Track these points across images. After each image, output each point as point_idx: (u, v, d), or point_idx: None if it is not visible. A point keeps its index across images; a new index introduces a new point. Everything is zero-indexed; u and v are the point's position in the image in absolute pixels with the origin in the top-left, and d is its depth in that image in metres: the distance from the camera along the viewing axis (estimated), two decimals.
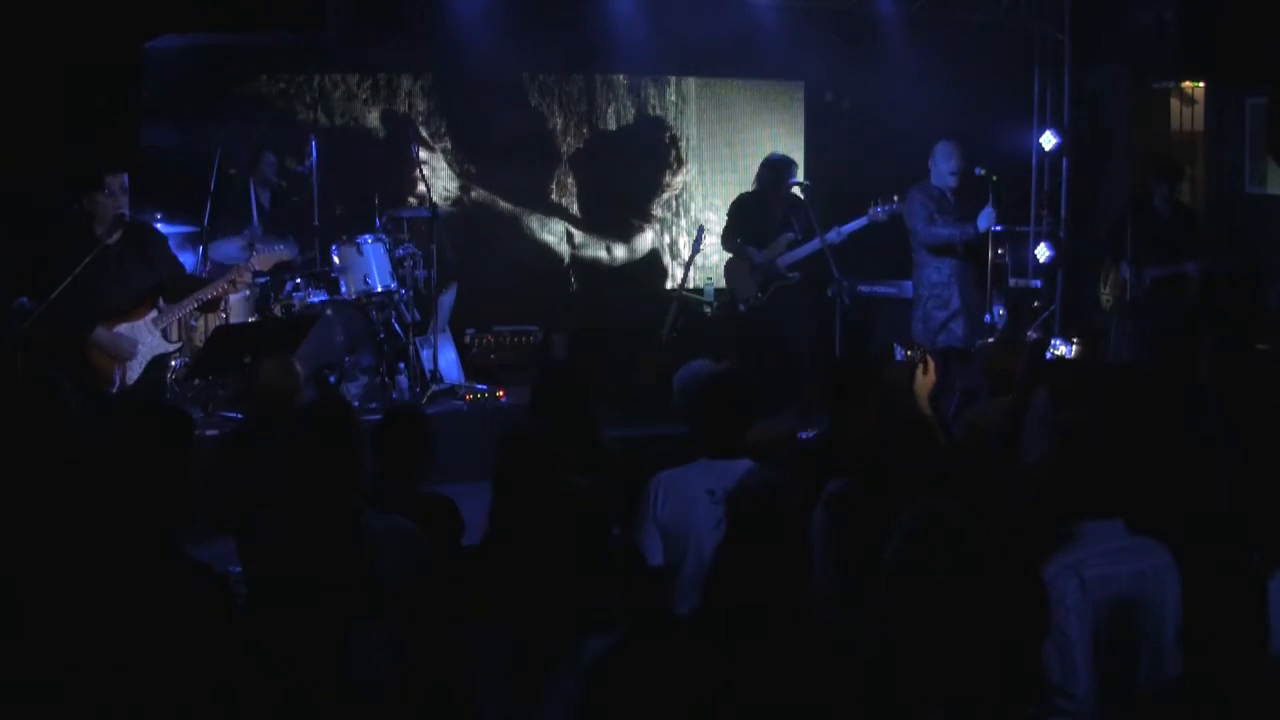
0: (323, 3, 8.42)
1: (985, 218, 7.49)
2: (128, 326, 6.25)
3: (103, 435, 3.42)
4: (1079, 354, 8.81)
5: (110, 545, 3.02)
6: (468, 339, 9.03)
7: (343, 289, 7.96)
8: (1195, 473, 4.03)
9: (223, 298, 6.75)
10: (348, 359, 7.92)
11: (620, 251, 10.41)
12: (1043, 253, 9.61)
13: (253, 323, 7.49)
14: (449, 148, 9.90)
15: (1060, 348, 8.94)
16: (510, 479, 3.56)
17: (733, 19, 9.04)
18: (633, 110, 10.32)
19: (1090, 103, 9.91)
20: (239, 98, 9.22)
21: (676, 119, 10.41)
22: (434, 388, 8.00)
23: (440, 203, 8.88)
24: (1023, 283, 9.74)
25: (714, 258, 9.81)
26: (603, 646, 2.83)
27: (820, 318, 8.16)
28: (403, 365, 8.12)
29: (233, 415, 7.17)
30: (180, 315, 6.49)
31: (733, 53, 9.57)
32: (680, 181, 10.48)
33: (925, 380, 4.62)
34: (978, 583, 2.48)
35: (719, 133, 10.45)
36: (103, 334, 6.15)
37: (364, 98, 9.68)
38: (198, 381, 7.28)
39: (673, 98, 10.39)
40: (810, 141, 10.30)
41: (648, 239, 10.46)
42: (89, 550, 3.01)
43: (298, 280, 7.83)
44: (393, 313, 8.13)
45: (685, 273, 9.34)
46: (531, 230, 10.19)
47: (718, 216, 9.79)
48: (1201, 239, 8.19)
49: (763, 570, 2.78)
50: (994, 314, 9.07)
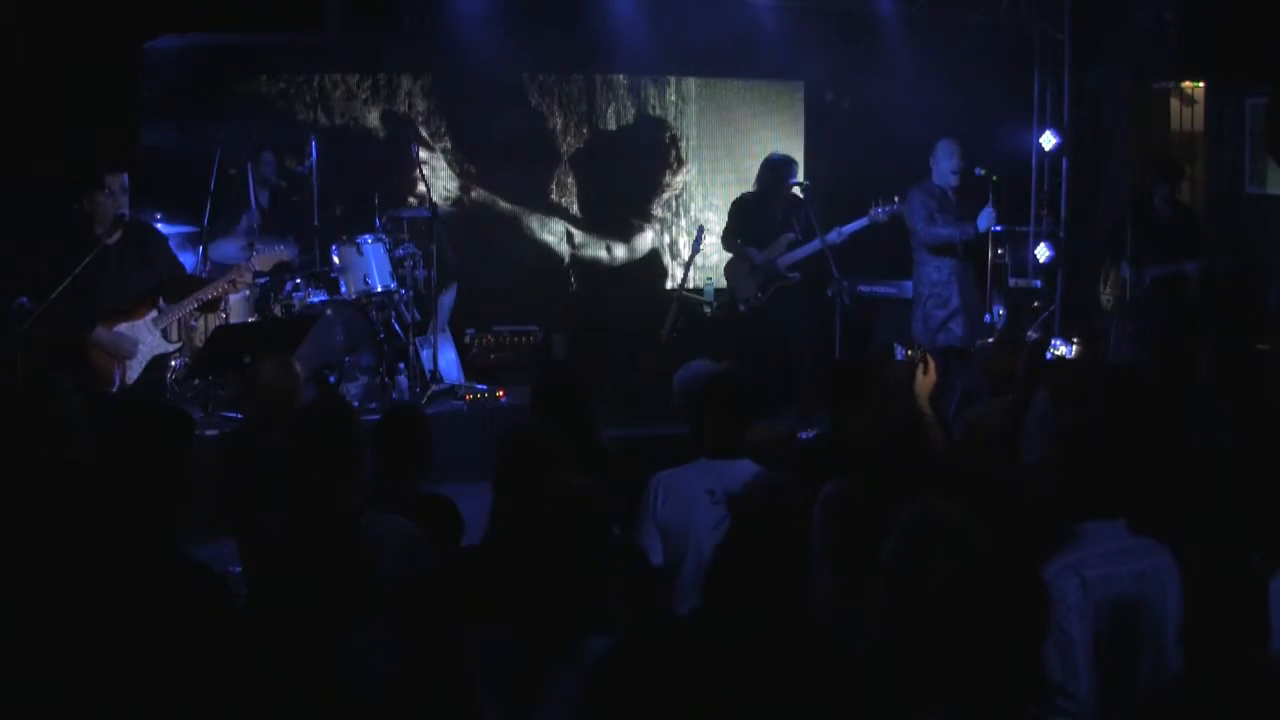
0: (323, 3, 8.43)
1: (985, 218, 7.49)
2: (128, 326, 6.25)
3: (103, 435, 3.42)
4: (1079, 354, 8.80)
5: (110, 545, 3.02)
6: (468, 339, 9.02)
7: (343, 289, 7.96)
8: (1195, 473, 4.03)
9: (223, 298, 6.75)
10: (348, 359, 7.91)
11: (620, 251, 10.41)
12: (1043, 253, 9.61)
13: (253, 323, 7.49)
14: (449, 148, 9.90)
15: (1060, 348, 8.93)
16: (510, 479, 3.57)
17: (733, 19, 9.03)
18: (633, 110, 10.32)
19: (1090, 103, 9.90)
20: (239, 98, 9.21)
21: (676, 119, 10.40)
22: (434, 388, 8.00)
23: (440, 203, 8.89)
24: (1023, 283, 9.73)
25: (714, 258, 9.80)
26: (603, 646, 2.83)
27: (820, 318, 8.17)
28: (403, 365, 8.12)
29: (233, 415, 7.16)
30: (180, 315, 6.49)
31: (733, 53, 9.56)
32: (680, 181, 10.47)
33: (925, 380, 4.61)
34: (977, 583, 2.48)
35: (719, 133, 10.45)
36: (103, 333, 6.15)
37: (364, 98, 9.68)
38: (198, 381, 7.28)
39: (673, 98, 10.39)
40: (810, 141, 10.30)
41: (648, 239, 10.46)
42: (89, 550, 3.01)
43: (298, 280, 7.83)
44: (393, 313, 8.13)
45: (685, 273, 9.34)
46: (531, 230, 10.19)
47: (718, 216, 9.79)
48: (1201, 239, 8.18)
49: (763, 570, 2.78)
50: (994, 314, 9.07)
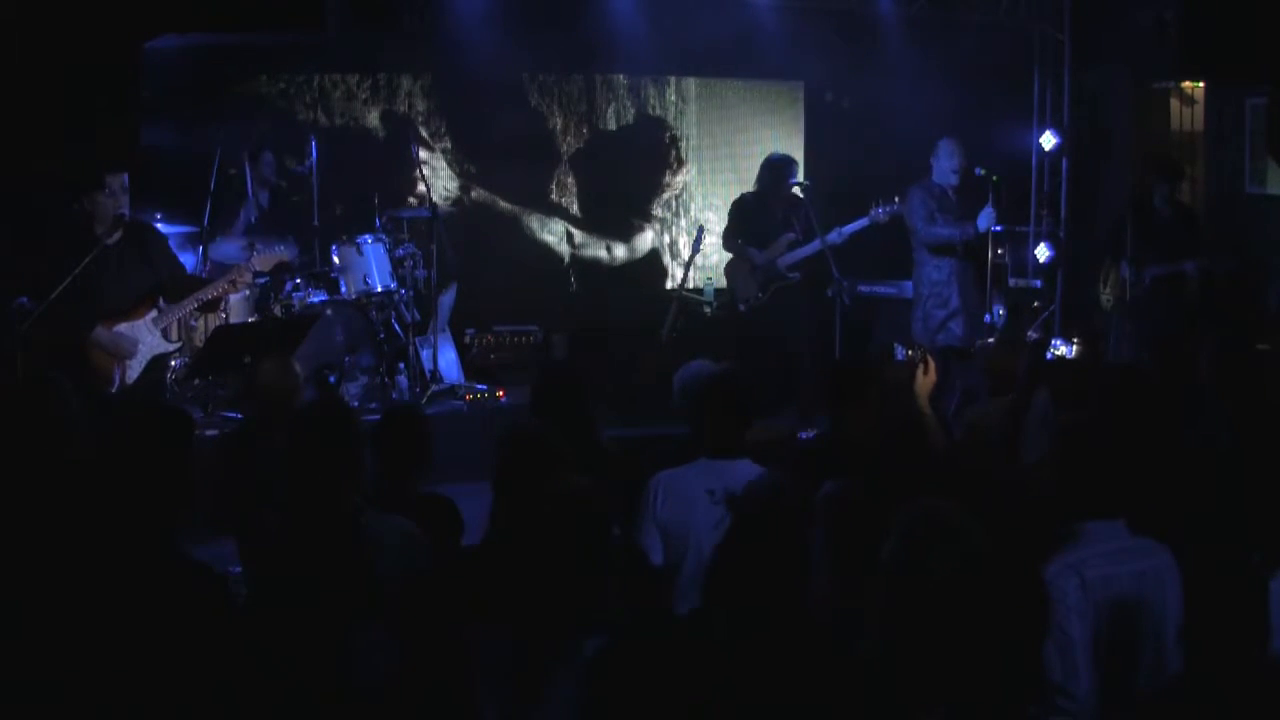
0: (323, 3, 8.42)
1: (985, 218, 7.49)
2: (128, 326, 6.25)
3: (103, 435, 3.42)
4: (1079, 354, 8.81)
5: (110, 545, 3.02)
6: (468, 339, 9.02)
7: (343, 289, 7.96)
8: (1195, 473, 4.03)
9: (223, 298, 6.74)
10: (348, 359, 7.91)
11: (620, 251, 10.41)
12: (1043, 253, 9.61)
13: (253, 323, 7.49)
14: (449, 148, 9.90)
15: (1060, 348, 8.94)
16: (510, 479, 3.56)
17: (733, 19, 9.04)
18: (633, 110, 10.32)
19: (1090, 103, 9.91)
20: (239, 98, 9.21)
21: (676, 119, 10.40)
22: (434, 388, 8.00)
23: (440, 203, 8.89)
24: (1023, 283, 9.73)
25: (714, 258, 9.80)
26: (602, 645, 2.82)
27: (820, 318, 8.17)
28: (402, 365, 8.11)
29: (233, 415, 7.16)
30: (180, 315, 6.49)
31: (733, 53, 9.56)
32: (680, 181, 10.47)
33: (926, 380, 4.61)
34: (976, 583, 2.48)
35: (719, 133, 10.45)
36: (103, 333, 6.14)
37: (364, 98, 9.67)
38: (198, 381, 7.28)
39: (673, 98, 10.39)
40: (810, 141, 10.30)
41: (648, 239, 10.46)
42: (89, 550, 3.01)
43: (298, 280, 7.83)
44: (393, 313, 8.13)
45: (685, 273, 9.34)
46: (531, 230, 10.19)
47: (718, 216, 9.79)
48: (1201, 239, 8.18)
49: (763, 570, 2.78)
50: (994, 314, 9.07)
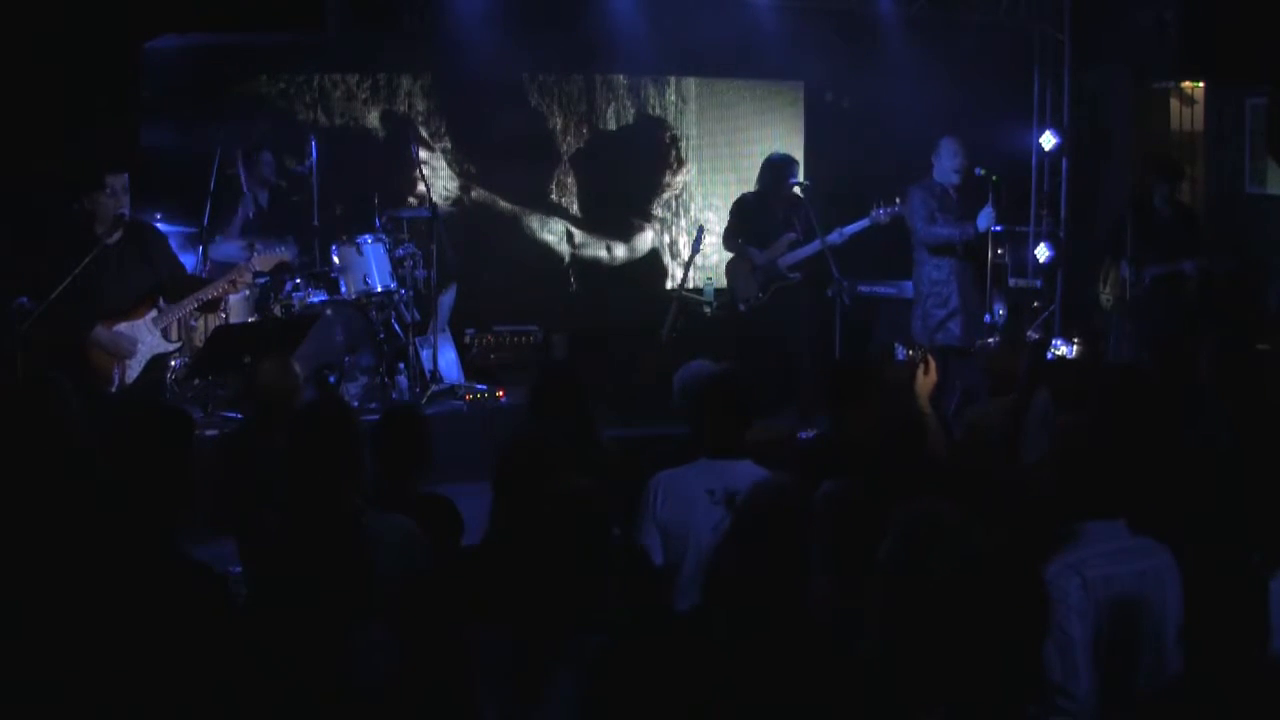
0: (323, 3, 8.43)
1: (985, 218, 7.49)
2: (127, 326, 6.24)
3: (103, 435, 3.42)
4: (1080, 354, 8.81)
5: (110, 545, 3.02)
6: (468, 339, 9.02)
7: (342, 289, 7.96)
8: (1195, 473, 4.03)
9: (223, 298, 6.74)
10: (348, 359, 7.91)
11: (620, 251, 10.41)
12: (1043, 253, 9.61)
13: (253, 323, 7.48)
14: (449, 148, 9.89)
15: (1061, 348, 8.94)
16: (510, 480, 3.56)
17: (733, 19, 9.04)
18: (633, 110, 10.31)
19: (1090, 103, 9.91)
20: (239, 98, 9.20)
21: (676, 119, 10.40)
22: (434, 388, 8.00)
23: (440, 203, 8.89)
24: (1023, 283, 9.73)
25: (714, 258, 9.80)
26: (603, 645, 2.82)
27: (820, 318, 8.17)
28: (402, 365, 8.11)
29: (233, 415, 7.16)
30: (180, 315, 6.49)
31: (733, 53, 9.57)
32: (680, 181, 10.47)
33: (926, 380, 4.61)
34: (974, 582, 2.47)
35: (719, 133, 10.45)
36: (102, 332, 6.14)
37: (364, 98, 9.67)
38: (198, 381, 7.28)
39: (673, 98, 10.39)
40: (810, 141, 10.29)
41: (648, 239, 10.46)
42: (89, 550, 3.01)
43: (297, 280, 7.82)
44: (393, 313, 8.13)
45: (685, 273, 9.34)
46: (531, 230, 10.19)
47: (718, 216, 9.80)
48: (1201, 239, 8.18)
49: (763, 570, 2.78)
50: (994, 313, 9.07)
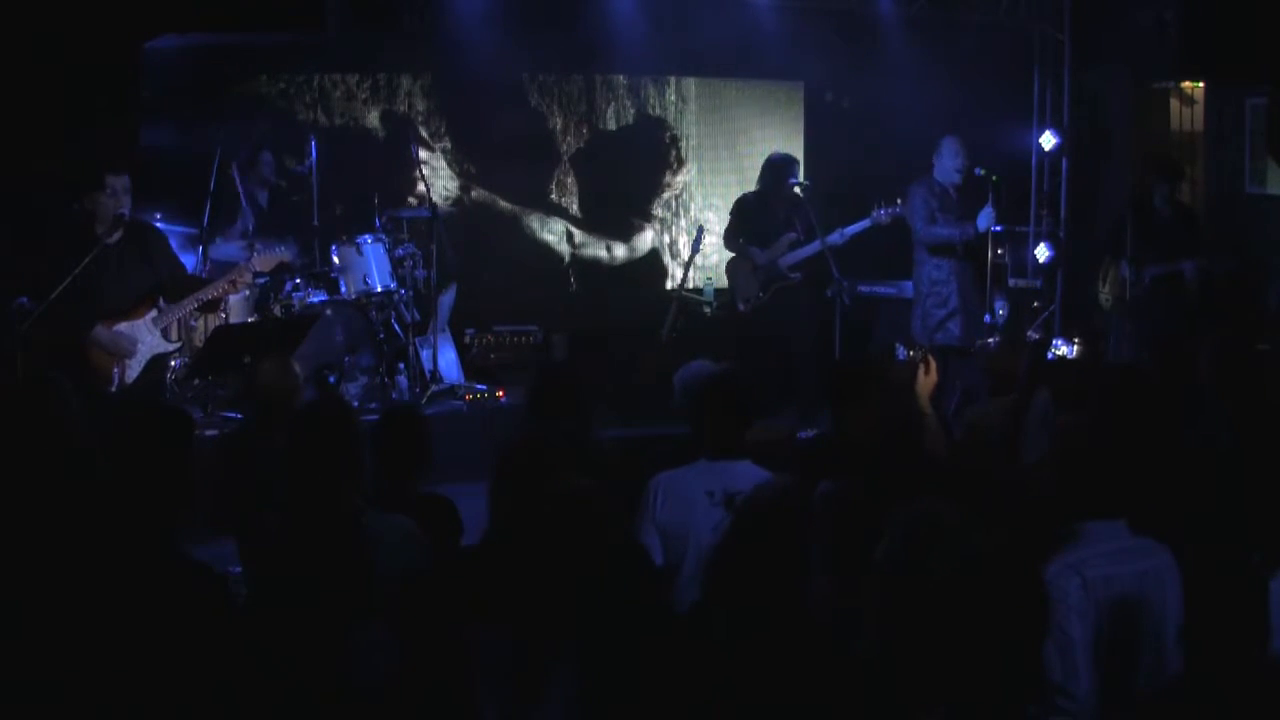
0: (323, 3, 8.44)
1: (985, 218, 7.48)
2: (127, 325, 6.24)
3: (103, 435, 3.42)
4: (1080, 354, 8.81)
5: (110, 545, 3.02)
6: (468, 339, 9.02)
7: (342, 289, 7.96)
8: (1195, 473, 4.03)
9: (223, 298, 6.73)
10: (347, 359, 7.91)
11: (620, 251, 10.41)
12: (1043, 253, 9.62)
13: (252, 323, 7.49)
14: (449, 148, 9.89)
15: (1061, 348, 8.94)
16: (510, 480, 3.56)
17: (733, 19, 9.04)
18: (633, 110, 10.32)
19: (1090, 103, 9.91)
20: (239, 98, 9.20)
21: (676, 119, 10.40)
22: (434, 388, 8.00)
23: (440, 203, 8.89)
24: (1023, 283, 9.74)
25: (714, 258, 9.80)
26: (603, 645, 2.82)
27: (820, 318, 8.17)
28: (402, 365, 8.12)
29: (233, 415, 7.16)
30: (180, 315, 6.48)
31: (733, 53, 9.57)
32: (680, 181, 10.47)
33: (927, 380, 4.61)
34: (971, 583, 2.47)
35: (719, 133, 10.45)
36: (102, 332, 6.14)
37: (364, 98, 9.67)
38: (198, 381, 7.28)
39: (673, 98, 10.39)
40: (810, 141, 10.29)
41: (648, 239, 10.46)
42: (89, 550, 3.01)
43: (297, 280, 7.82)
44: (392, 313, 8.13)
45: (685, 273, 9.34)
46: (531, 230, 10.19)
47: (718, 216, 9.80)
48: (1201, 239, 8.18)
49: (763, 570, 2.78)
50: (994, 313, 9.07)
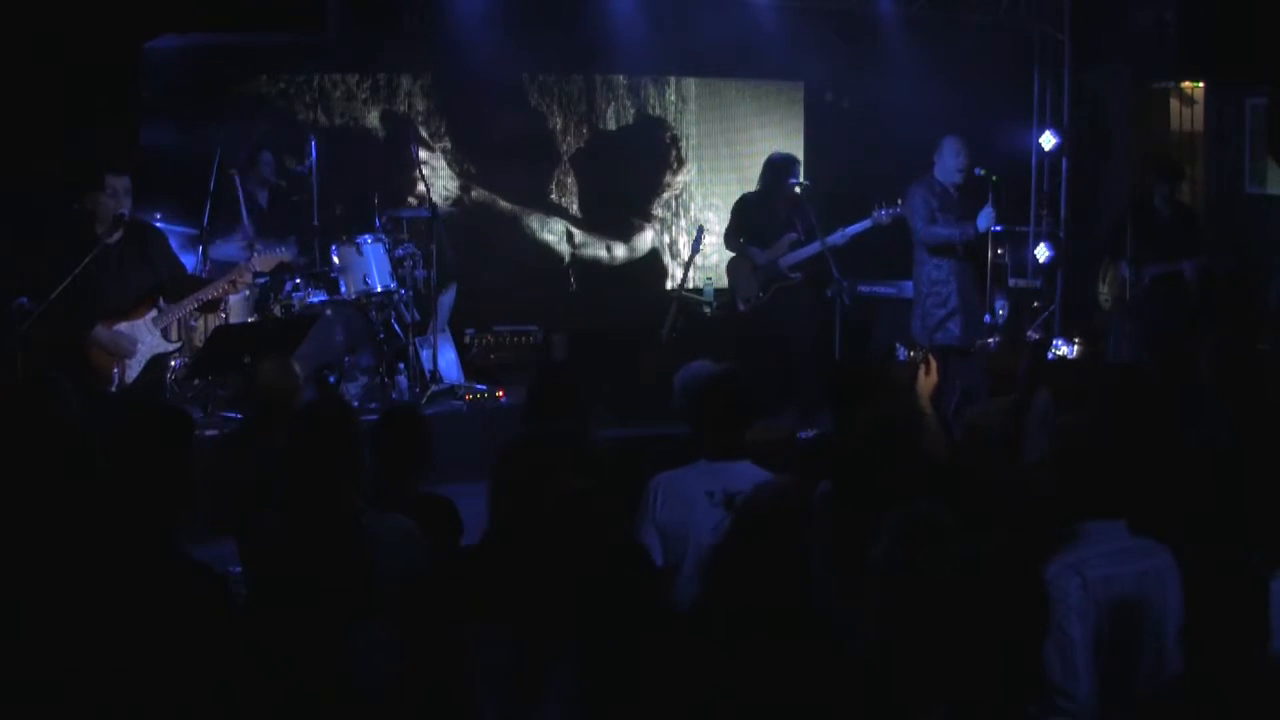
0: (323, 3, 8.44)
1: (985, 218, 7.48)
2: (127, 325, 6.24)
3: (103, 435, 3.42)
4: (1080, 354, 8.81)
5: (110, 545, 3.02)
6: (468, 339, 9.02)
7: (342, 289, 7.95)
8: (1195, 473, 4.03)
9: (223, 298, 6.74)
10: (347, 359, 7.91)
11: (620, 251, 10.40)
12: (1043, 253, 9.62)
13: (252, 323, 7.48)
14: (449, 148, 9.89)
15: (1061, 348, 8.94)
16: (510, 480, 3.56)
17: (733, 19, 9.04)
18: (633, 110, 10.31)
19: (1090, 103, 9.91)
20: (239, 98, 9.20)
21: (676, 119, 10.40)
22: (434, 388, 8.00)
23: (440, 203, 8.89)
24: (1023, 283, 9.74)
25: (714, 258, 9.80)
26: (603, 645, 2.83)
27: (820, 318, 8.17)
28: (402, 365, 8.11)
29: (233, 415, 7.16)
30: (180, 315, 6.49)
31: (733, 53, 9.58)
32: (680, 181, 10.47)
33: (928, 380, 4.61)
34: (967, 583, 2.47)
35: (719, 133, 10.45)
36: (102, 332, 6.15)
37: (364, 98, 9.67)
38: (198, 381, 7.28)
39: (673, 98, 10.39)
40: (810, 141, 10.29)
41: (648, 239, 10.46)
42: (89, 550, 3.01)
43: (297, 280, 7.82)
44: (392, 313, 8.13)
45: (685, 273, 9.34)
46: (531, 230, 10.19)
47: (718, 216, 9.80)
48: (1201, 239, 8.18)
49: (763, 570, 2.78)
50: (995, 313, 9.07)
